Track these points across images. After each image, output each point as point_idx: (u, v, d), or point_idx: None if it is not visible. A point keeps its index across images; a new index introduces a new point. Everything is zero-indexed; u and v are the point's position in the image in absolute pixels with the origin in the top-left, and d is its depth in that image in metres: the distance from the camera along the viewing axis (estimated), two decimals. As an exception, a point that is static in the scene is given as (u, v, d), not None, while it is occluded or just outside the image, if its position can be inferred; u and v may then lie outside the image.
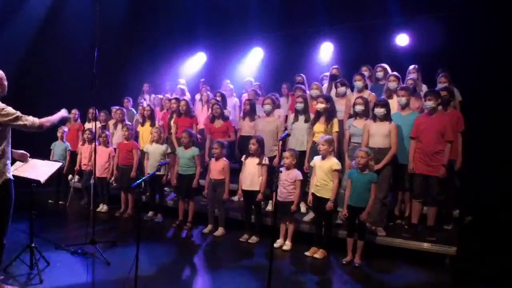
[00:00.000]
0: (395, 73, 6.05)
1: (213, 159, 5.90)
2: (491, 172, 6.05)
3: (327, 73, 7.15)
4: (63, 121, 4.88)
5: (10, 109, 3.65)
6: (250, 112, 6.57)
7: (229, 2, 9.19)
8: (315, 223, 5.28)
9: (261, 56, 9.71)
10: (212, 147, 5.91)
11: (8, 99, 3.81)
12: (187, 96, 8.36)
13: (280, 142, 4.72)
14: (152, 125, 6.98)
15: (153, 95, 8.94)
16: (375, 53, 7.59)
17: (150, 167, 6.31)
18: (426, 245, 4.92)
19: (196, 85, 9.35)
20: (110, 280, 4.26)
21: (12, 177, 3.78)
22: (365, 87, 6.15)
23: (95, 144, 5.90)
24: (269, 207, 6.09)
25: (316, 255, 5.04)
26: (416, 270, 4.79)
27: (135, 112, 8.37)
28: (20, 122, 3.66)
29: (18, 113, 3.68)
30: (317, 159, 5.14)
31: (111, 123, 7.67)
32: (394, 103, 5.53)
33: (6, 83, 3.82)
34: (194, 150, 6.09)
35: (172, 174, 6.35)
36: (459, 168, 5.39)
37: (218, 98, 7.11)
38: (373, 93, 5.99)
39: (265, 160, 5.54)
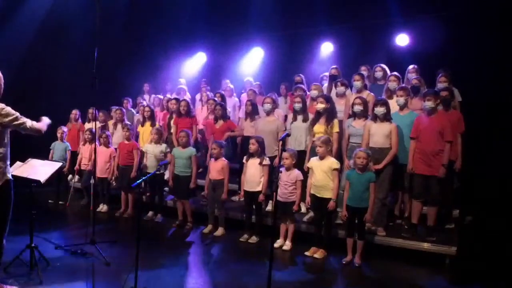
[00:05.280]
0: (395, 73, 6.06)
1: (212, 159, 5.91)
2: (491, 172, 6.05)
3: (327, 73, 7.15)
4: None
5: (9, 109, 3.65)
6: (251, 113, 6.56)
7: (229, 2, 9.19)
8: (315, 223, 5.28)
9: (261, 56, 9.70)
10: (211, 147, 5.92)
11: (8, 99, 3.81)
12: (188, 96, 8.36)
13: (280, 142, 4.72)
14: (153, 125, 6.98)
15: (153, 95, 8.95)
16: (375, 53, 7.60)
17: (149, 167, 6.31)
18: (426, 245, 4.91)
19: (196, 85, 9.35)
20: (110, 280, 4.26)
21: (12, 178, 3.78)
22: (364, 87, 6.15)
23: (95, 144, 5.89)
24: (269, 207, 6.09)
25: (316, 255, 5.04)
26: (416, 270, 4.78)
27: (134, 112, 8.37)
28: (18, 123, 3.65)
29: (18, 114, 3.68)
30: (314, 160, 5.15)
31: (110, 123, 7.67)
32: (394, 103, 5.53)
33: (1, 82, 3.80)
34: (191, 150, 6.10)
35: (170, 174, 6.34)
36: (459, 169, 5.39)
37: (217, 99, 7.11)
38: (372, 93, 5.99)
39: (266, 160, 5.54)
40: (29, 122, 3.71)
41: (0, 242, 3.74)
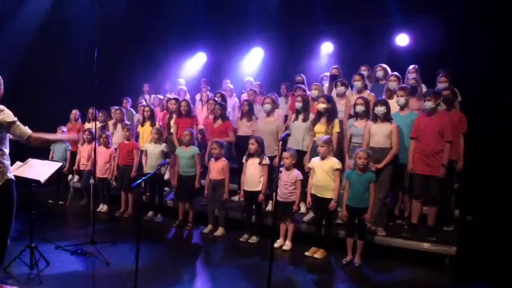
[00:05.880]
0: (395, 73, 6.06)
1: (212, 159, 5.91)
2: (491, 172, 6.05)
3: (327, 73, 7.16)
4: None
5: (9, 112, 3.65)
6: (248, 113, 6.56)
7: (229, 2, 9.19)
8: (315, 223, 5.28)
9: (261, 56, 9.70)
10: (211, 147, 5.92)
11: (8, 99, 3.81)
12: (187, 97, 8.36)
13: (280, 142, 4.72)
14: (153, 125, 6.97)
15: (153, 95, 8.95)
16: (375, 53, 7.60)
17: (149, 167, 6.30)
18: (426, 245, 4.92)
19: (196, 85, 9.35)
20: (110, 280, 4.26)
21: (13, 178, 3.78)
22: (365, 87, 6.15)
23: (95, 144, 5.90)
24: (269, 207, 6.09)
25: (316, 255, 5.04)
26: (416, 270, 4.79)
27: (134, 112, 8.37)
28: (14, 128, 3.64)
29: (16, 119, 3.67)
30: (316, 160, 5.14)
31: (110, 123, 7.67)
32: (394, 103, 5.53)
33: (1, 87, 3.80)
34: (194, 149, 6.10)
35: (172, 175, 6.33)
36: (460, 169, 5.38)
37: (218, 99, 7.11)
38: (373, 93, 6.00)
39: (266, 160, 5.54)
40: (21, 130, 3.67)
41: (4, 242, 3.74)
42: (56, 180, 7.07)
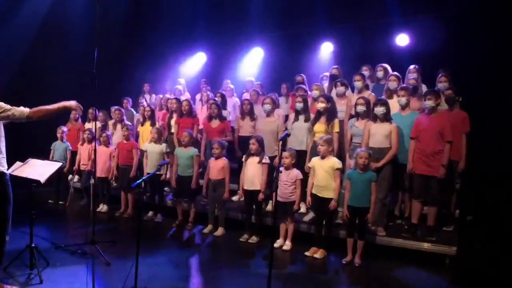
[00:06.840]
0: (395, 73, 6.06)
1: (212, 158, 5.90)
2: (491, 171, 6.05)
3: (327, 73, 7.16)
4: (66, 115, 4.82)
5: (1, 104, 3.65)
6: (250, 112, 6.56)
7: (229, 2, 9.20)
8: (315, 223, 5.28)
9: (261, 56, 9.71)
10: (212, 147, 5.91)
11: (8, 99, 3.81)
12: (185, 96, 8.36)
13: (280, 142, 4.72)
14: (153, 125, 6.97)
15: (153, 95, 8.94)
16: (375, 53, 7.60)
17: (149, 166, 6.31)
18: (426, 245, 4.92)
19: (196, 85, 9.35)
20: (110, 280, 4.26)
21: (6, 171, 3.75)
22: (366, 87, 6.15)
23: (95, 144, 5.90)
24: (269, 207, 6.09)
25: (316, 255, 5.04)
26: (416, 270, 4.79)
27: (134, 112, 8.37)
28: (8, 113, 3.62)
29: (6, 106, 3.65)
30: (316, 160, 5.14)
31: (110, 123, 7.67)
32: (394, 103, 5.53)
33: None
34: (193, 150, 6.10)
35: (171, 174, 6.34)
36: (462, 170, 5.37)
37: (218, 99, 7.10)
38: (373, 93, 6.00)
39: (266, 159, 5.54)
40: (18, 111, 3.66)
41: (2, 239, 3.72)
42: (56, 180, 7.07)
